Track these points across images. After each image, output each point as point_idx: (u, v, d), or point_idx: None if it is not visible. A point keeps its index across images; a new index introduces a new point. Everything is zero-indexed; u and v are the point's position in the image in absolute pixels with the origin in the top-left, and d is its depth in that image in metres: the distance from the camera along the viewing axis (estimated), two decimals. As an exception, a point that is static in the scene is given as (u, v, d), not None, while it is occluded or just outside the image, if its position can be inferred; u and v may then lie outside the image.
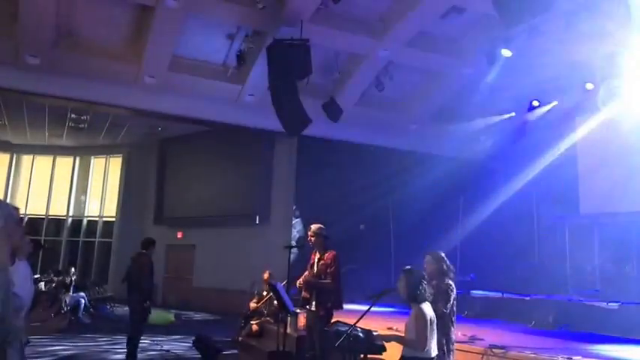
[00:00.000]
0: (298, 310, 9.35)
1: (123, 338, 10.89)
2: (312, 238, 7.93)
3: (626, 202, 13.50)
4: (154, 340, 12.57)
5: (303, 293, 7.97)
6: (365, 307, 5.59)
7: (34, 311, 4.00)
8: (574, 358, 7.04)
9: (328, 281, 7.63)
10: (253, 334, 11.39)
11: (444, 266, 6.29)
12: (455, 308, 6.23)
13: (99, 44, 13.67)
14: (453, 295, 6.17)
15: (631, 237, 13.12)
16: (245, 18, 13.04)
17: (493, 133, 17.55)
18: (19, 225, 3.80)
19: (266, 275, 11.64)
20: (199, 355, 11.00)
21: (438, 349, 5.42)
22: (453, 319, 6.20)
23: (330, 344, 6.81)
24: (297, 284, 7.97)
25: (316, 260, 7.90)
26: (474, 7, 13.47)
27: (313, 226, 8.02)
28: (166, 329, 14.75)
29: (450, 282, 6.21)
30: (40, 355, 10.84)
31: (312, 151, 17.42)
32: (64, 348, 11.97)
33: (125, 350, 10.14)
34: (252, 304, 12.17)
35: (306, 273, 7.98)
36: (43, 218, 24.20)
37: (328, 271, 7.66)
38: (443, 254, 6.43)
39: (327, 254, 7.78)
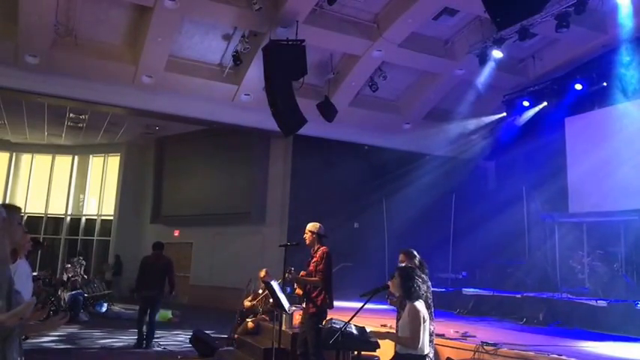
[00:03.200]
0: (294, 308, 9.46)
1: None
2: (306, 236, 7.96)
3: (615, 200, 13.62)
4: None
5: (297, 290, 8.05)
6: (359, 305, 5.64)
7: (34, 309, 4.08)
8: (564, 354, 7.14)
9: (316, 278, 7.60)
10: (249, 331, 11.44)
11: (417, 262, 6.48)
12: (430, 302, 6.35)
13: (97, 44, 13.79)
14: (427, 288, 6.30)
15: (619, 235, 13.22)
16: (241, 19, 13.17)
17: (484, 132, 17.74)
18: (20, 224, 3.91)
19: (262, 273, 11.67)
20: (196, 352, 11.14)
21: None
22: (430, 311, 6.33)
23: (324, 341, 6.93)
24: (286, 275, 7.95)
25: (310, 258, 7.98)
26: (466, 9, 13.66)
27: (309, 225, 8.05)
28: (164, 326, 14.86)
29: (424, 276, 6.36)
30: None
31: (307, 151, 17.55)
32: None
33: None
34: (247, 303, 12.24)
35: (287, 273, 8.02)
36: (42, 217, 24.29)
37: (318, 268, 7.61)
38: (415, 251, 6.62)
39: (317, 251, 7.74)
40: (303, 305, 7.84)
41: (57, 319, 3.78)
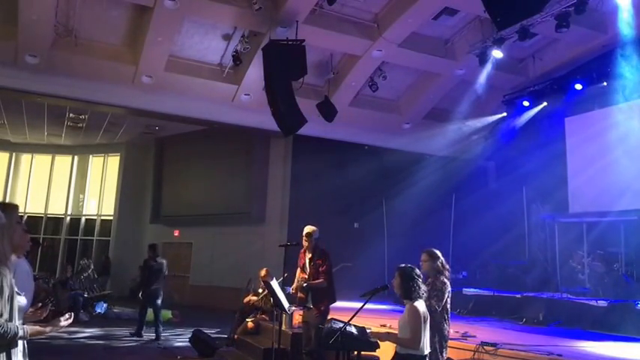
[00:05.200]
0: (293, 308, 9.48)
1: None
2: (306, 241, 8.06)
3: (614, 201, 13.63)
4: (151, 338, 12.72)
5: (299, 294, 8.12)
6: (359, 305, 5.64)
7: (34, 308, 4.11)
8: (564, 354, 7.15)
9: (321, 280, 7.78)
10: (249, 331, 11.46)
11: (440, 264, 6.38)
12: (449, 306, 6.31)
13: (97, 44, 13.78)
14: (448, 292, 6.24)
15: (619, 235, 13.23)
16: (241, 19, 13.16)
17: (485, 133, 17.74)
18: (19, 223, 3.89)
19: (263, 272, 11.63)
20: (196, 352, 11.15)
21: (431, 345, 5.49)
22: (447, 316, 6.25)
23: (324, 341, 6.94)
24: (292, 290, 8.11)
25: (307, 261, 8.08)
26: (466, 9, 13.66)
27: (307, 229, 8.13)
28: (164, 326, 14.89)
29: (445, 280, 6.30)
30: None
31: (307, 151, 17.54)
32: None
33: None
34: (254, 297, 12.25)
35: (298, 273, 8.12)
36: (42, 217, 24.27)
37: (320, 270, 7.81)
38: (439, 252, 6.53)
39: (318, 255, 7.94)
40: (310, 306, 7.89)
41: (61, 320, 3.78)
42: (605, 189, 13.98)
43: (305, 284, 7.91)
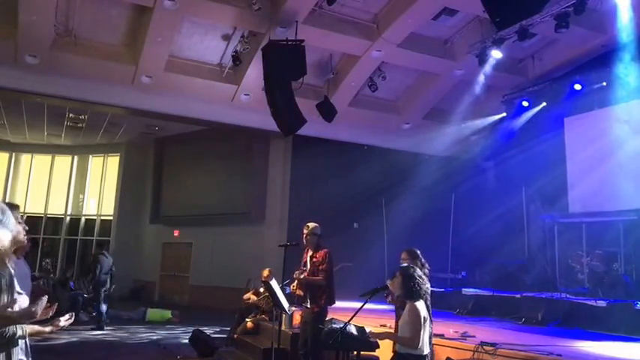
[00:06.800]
0: (293, 308, 9.49)
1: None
2: (307, 237, 8.06)
3: (614, 201, 13.63)
4: (151, 338, 12.73)
5: (298, 292, 8.12)
6: (359, 305, 5.66)
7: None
8: (563, 354, 7.14)
9: (319, 278, 7.76)
10: (249, 331, 11.46)
11: (419, 263, 6.45)
12: (429, 303, 6.37)
13: (97, 45, 13.78)
14: (427, 290, 6.32)
15: (619, 236, 13.21)
16: (241, 19, 13.16)
17: (484, 133, 17.74)
18: (20, 223, 3.89)
19: (266, 273, 11.58)
20: (196, 352, 11.16)
21: None
22: (429, 312, 6.34)
23: (324, 341, 6.96)
24: (291, 288, 8.12)
25: (308, 258, 8.06)
26: (466, 9, 13.67)
27: (310, 224, 8.13)
28: (163, 326, 14.92)
29: (424, 277, 6.36)
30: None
31: (307, 151, 17.52)
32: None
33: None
34: (252, 296, 12.24)
35: (297, 272, 8.12)
36: (42, 217, 24.27)
37: (320, 268, 7.78)
38: (418, 251, 6.59)
39: (319, 252, 7.91)
40: (308, 305, 7.89)
41: (61, 320, 3.79)
42: (605, 189, 13.96)
43: (302, 276, 7.90)
